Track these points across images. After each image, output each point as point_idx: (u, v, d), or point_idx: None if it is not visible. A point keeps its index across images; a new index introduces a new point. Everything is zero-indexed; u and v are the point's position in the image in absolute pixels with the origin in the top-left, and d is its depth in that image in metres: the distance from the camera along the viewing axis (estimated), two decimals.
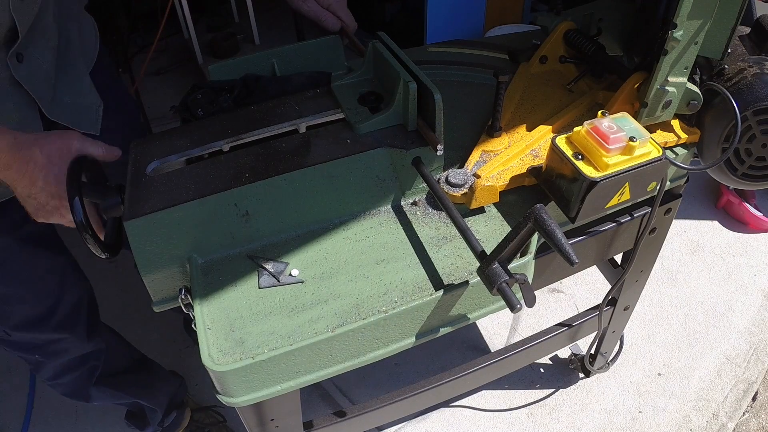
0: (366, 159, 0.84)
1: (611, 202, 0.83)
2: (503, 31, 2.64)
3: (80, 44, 1.08)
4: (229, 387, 0.72)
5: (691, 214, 2.26)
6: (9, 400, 1.82)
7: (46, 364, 1.24)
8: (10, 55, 0.86)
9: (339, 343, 0.74)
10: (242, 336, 0.73)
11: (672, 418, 1.65)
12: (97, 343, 1.28)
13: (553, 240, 0.61)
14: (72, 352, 1.24)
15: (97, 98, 1.07)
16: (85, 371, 1.30)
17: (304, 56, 1.06)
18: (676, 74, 0.88)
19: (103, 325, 1.34)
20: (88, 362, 1.29)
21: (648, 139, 0.80)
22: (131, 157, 0.87)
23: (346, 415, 1.20)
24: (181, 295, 0.81)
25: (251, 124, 0.89)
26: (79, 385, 1.33)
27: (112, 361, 1.35)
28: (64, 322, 1.16)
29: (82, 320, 1.21)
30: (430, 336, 0.80)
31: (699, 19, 0.82)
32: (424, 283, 0.78)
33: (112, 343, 1.36)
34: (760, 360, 1.78)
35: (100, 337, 1.30)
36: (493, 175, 0.89)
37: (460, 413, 1.70)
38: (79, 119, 1.02)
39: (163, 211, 0.77)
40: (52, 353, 1.21)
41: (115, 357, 1.37)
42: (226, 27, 3.26)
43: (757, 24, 1.02)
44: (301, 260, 0.82)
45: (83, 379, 1.32)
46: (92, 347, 1.27)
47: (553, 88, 1.08)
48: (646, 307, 1.93)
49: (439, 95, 0.79)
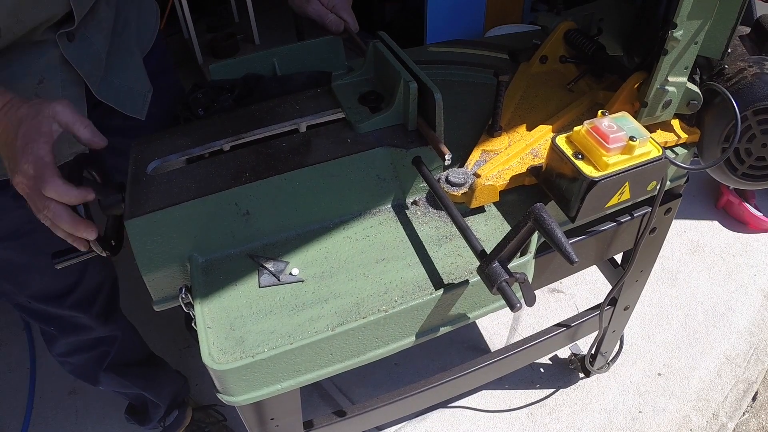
0: (366, 158, 0.84)
1: (611, 202, 0.83)
2: (503, 31, 2.64)
3: (137, 28, 1.08)
4: (229, 386, 0.73)
5: (691, 214, 2.26)
6: (9, 400, 1.82)
7: (59, 339, 1.25)
8: (59, 35, 0.87)
9: (339, 342, 0.74)
10: (242, 335, 0.73)
11: (672, 418, 1.65)
12: (112, 330, 1.29)
13: (552, 239, 0.62)
14: (87, 333, 1.25)
15: (147, 84, 1.08)
16: (96, 354, 1.31)
17: (304, 56, 1.07)
18: (676, 74, 0.88)
19: (121, 315, 1.35)
20: (100, 346, 1.30)
21: (648, 139, 0.80)
22: (132, 156, 0.87)
23: (345, 415, 1.20)
24: (181, 294, 0.80)
25: (252, 124, 0.89)
26: (89, 367, 1.34)
27: (124, 350, 1.36)
28: (81, 302, 1.17)
29: (99, 304, 1.22)
30: (430, 335, 0.80)
31: (699, 19, 0.82)
32: (424, 282, 0.78)
33: (127, 333, 1.38)
34: (760, 360, 1.78)
35: (116, 324, 1.31)
36: (494, 174, 0.89)
37: (460, 413, 1.70)
38: (124, 102, 1.02)
39: (163, 210, 0.77)
40: (67, 328, 1.22)
41: (127, 347, 1.38)
42: (226, 27, 3.26)
43: (757, 24, 1.02)
44: (301, 259, 0.82)
45: (93, 361, 1.33)
46: (107, 332, 1.28)
47: (554, 87, 1.09)
48: (646, 307, 1.93)
49: (440, 95, 0.79)
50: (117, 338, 1.32)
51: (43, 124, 0.72)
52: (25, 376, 1.87)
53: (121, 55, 1.02)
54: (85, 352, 1.30)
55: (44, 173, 0.71)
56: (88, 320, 1.21)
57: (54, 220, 0.75)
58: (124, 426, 1.67)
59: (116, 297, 1.30)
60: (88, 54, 0.93)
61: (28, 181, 0.72)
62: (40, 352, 1.94)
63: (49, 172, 0.71)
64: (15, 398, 1.82)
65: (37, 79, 0.89)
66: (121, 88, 1.02)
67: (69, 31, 0.88)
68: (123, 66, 1.03)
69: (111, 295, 1.26)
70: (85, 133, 0.77)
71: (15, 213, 0.95)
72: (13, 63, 0.87)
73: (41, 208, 0.74)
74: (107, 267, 1.24)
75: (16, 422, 1.76)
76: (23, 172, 0.71)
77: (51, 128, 0.73)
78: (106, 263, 1.22)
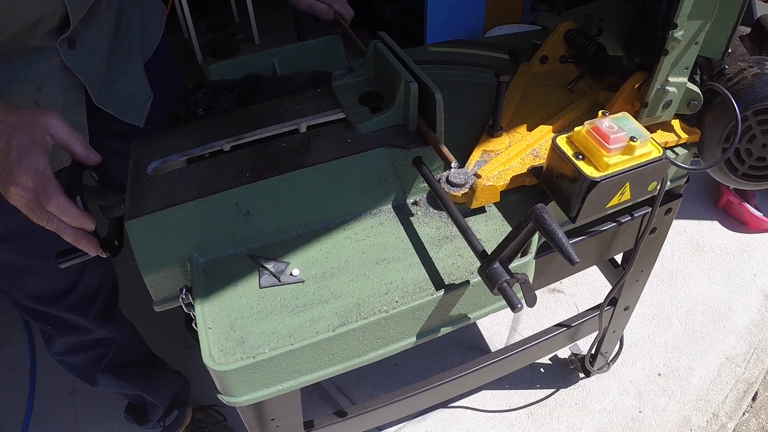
0: (367, 159, 0.84)
1: (612, 202, 0.83)
2: (503, 31, 2.64)
3: (140, 29, 1.07)
4: (229, 386, 0.72)
5: (691, 214, 2.26)
6: (9, 400, 1.82)
7: (57, 338, 1.24)
8: (60, 41, 0.86)
9: (340, 342, 0.74)
10: (243, 335, 0.73)
11: (672, 418, 1.66)
12: (110, 331, 1.28)
13: (554, 239, 0.61)
14: (85, 334, 1.24)
15: (147, 90, 1.06)
16: (94, 355, 1.31)
17: (304, 56, 1.07)
18: (676, 74, 0.88)
19: (120, 315, 1.34)
20: (98, 347, 1.30)
21: (648, 139, 0.80)
22: (132, 157, 0.87)
23: (346, 415, 1.20)
24: (182, 294, 0.81)
25: (252, 124, 0.89)
26: (86, 367, 1.34)
27: (122, 351, 1.36)
28: (79, 303, 1.16)
29: (97, 306, 1.21)
30: (431, 335, 0.80)
31: (699, 19, 0.82)
32: (424, 283, 0.78)
33: (126, 335, 1.37)
34: (760, 360, 1.78)
35: (115, 326, 1.30)
36: (494, 174, 0.89)
37: (460, 413, 1.70)
38: (124, 108, 1.01)
39: (163, 211, 0.77)
40: (64, 329, 1.21)
41: (126, 348, 1.37)
42: (226, 27, 3.26)
43: (758, 24, 1.02)
44: (301, 260, 0.82)
45: (91, 362, 1.32)
46: (105, 334, 1.27)
47: (554, 88, 1.09)
48: (646, 307, 1.93)
49: (440, 95, 0.79)
50: (115, 340, 1.32)
51: (38, 135, 0.71)
52: (25, 376, 1.87)
53: (123, 59, 1.01)
54: (83, 352, 1.30)
55: (47, 188, 0.70)
56: (85, 322, 1.21)
57: (57, 232, 0.74)
58: (124, 426, 1.67)
59: (116, 298, 1.29)
60: (89, 60, 0.92)
61: (27, 194, 0.70)
62: (40, 352, 1.93)
63: (51, 187, 0.70)
64: (15, 398, 1.82)
65: (36, 84, 0.87)
66: (122, 94, 1.01)
67: (70, 37, 0.87)
68: (124, 70, 1.02)
69: (110, 297, 1.25)
70: (80, 150, 0.76)
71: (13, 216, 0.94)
72: (12, 68, 0.85)
73: (43, 220, 0.73)
74: (107, 268, 1.23)
75: (16, 422, 1.76)
76: (21, 185, 0.70)
77: (46, 139, 0.72)
78: (107, 264, 1.22)
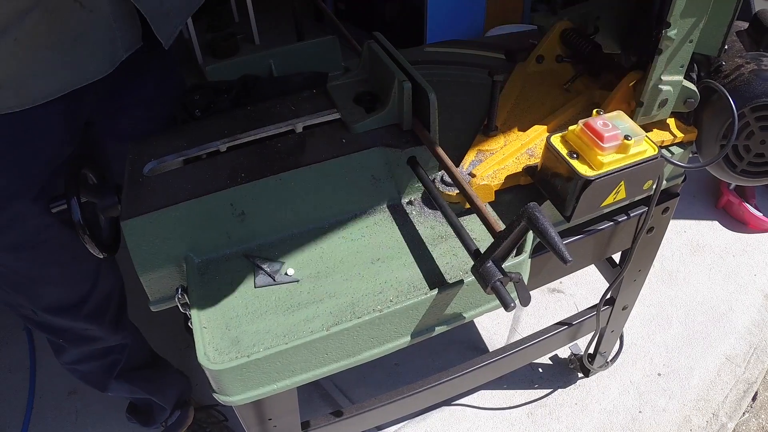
0: (361, 159, 0.84)
1: (606, 201, 0.83)
2: (503, 31, 2.64)
3: None
4: (225, 386, 0.73)
5: (691, 214, 2.25)
6: (9, 400, 1.83)
7: (68, 349, 1.23)
8: None
9: (334, 341, 0.74)
10: (238, 335, 0.73)
11: (672, 418, 1.65)
12: (123, 337, 1.28)
13: (546, 238, 0.62)
14: (97, 343, 1.23)
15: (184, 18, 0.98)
16: (106, 363, 1.30)
17: (301, 57, 1.07)
18: (671, 72, 0.88)
19: (128, 320, 1.34)
20: (111, 354, 1.29)
21: (643, 138, 0.80)
22: (128, 157, 0.87)
23: (345, 415, 1.20)
24: (177, 294, 0.81)
25: (248, 125, 0.90)
26: (98, 374, 1.32)
27: (133, 356, 1.35)
28: (95, 311, 1.15)
29: (111, 312, 1.20)
30: (426, 335, 0.80)
31: (693, 17, 0.82)
32: (419, 282, 0.78)
33: (134, 339, 1.36)
34: (760, 360, 1.78)
35: (126, 332, 1.29)
36: (489, 174, 0.89)
37: (460, 413, 1.69)
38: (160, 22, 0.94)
39: (159, 211, 0.77)
40: (77, 340, 1.20)
41: (135, 352, 1.37)
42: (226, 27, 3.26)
43: (755, 19, 1.01)
44: (296, 260, 0.82)
45: (103, 369, 1.31)
46: (117, 341, 1.26)
47: (550, 87, 1.08)
48: (646, 307, 1.93)
49: (434, 95, 0.79)
50: (127, 345, 1.31)
51: None
52: (25, 377, 1.88)
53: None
54: (96, 360, 1.28)
55: None
56: (99, 331, 1.19)
57: None
58: (125, 426, 1.67)
59: (125, 303, 1.28)
60: None
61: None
62: (40, 352, 1.94)
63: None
64: (15, 398, 1.83)
65: None
66: (163, 7, 0.93)
67: None
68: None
69: (120, 302, 1.25)
70: None
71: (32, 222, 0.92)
72: None
73: None
74: (115, 273, 1.21)
75: (16, 422, 1.77)
76: None
77: None
78: (115, 269, 1.20)
